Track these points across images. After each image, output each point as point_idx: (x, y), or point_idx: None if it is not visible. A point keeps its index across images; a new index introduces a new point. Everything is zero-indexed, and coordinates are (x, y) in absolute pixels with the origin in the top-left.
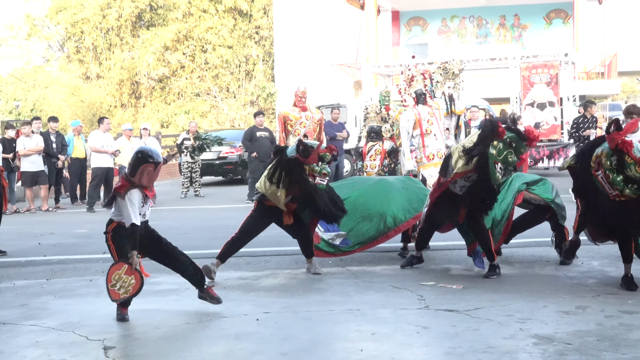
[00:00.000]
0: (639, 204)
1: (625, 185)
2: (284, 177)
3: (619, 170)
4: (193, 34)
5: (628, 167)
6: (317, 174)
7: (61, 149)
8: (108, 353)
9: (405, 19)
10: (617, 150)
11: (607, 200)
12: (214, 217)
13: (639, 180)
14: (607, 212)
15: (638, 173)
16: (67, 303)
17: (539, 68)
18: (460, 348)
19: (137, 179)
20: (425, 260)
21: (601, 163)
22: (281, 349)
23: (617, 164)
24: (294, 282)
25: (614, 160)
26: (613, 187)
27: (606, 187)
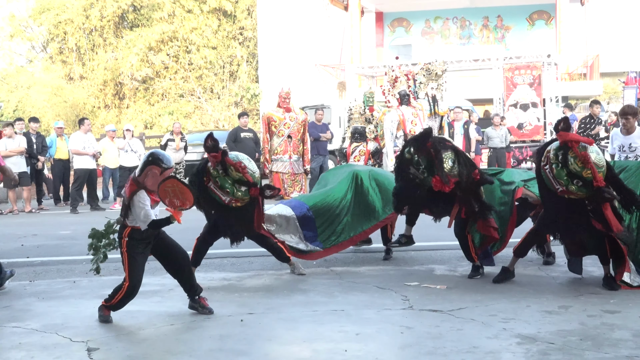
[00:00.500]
0: (584, 204)
1: (569, 181)
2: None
3: (563, 164)
4: (177, 34)
5: (570, 160)
6: (218, 188)
7: (41, 149)
8: (92, 355)
9: (388, 20)
10: (565, 146)
11: (556, 198)
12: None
13: (581, 176)
14: (558, 211)
15: (578, 167)
16: (50, 305)
17: (522, 69)
18: (444, 348)
19: (142, 179)
20: (409, 261)
21: (549, 157)
22: (265, 349)
23: (562, 158)
24: (278, 283)
25: (560, 155)
26: (558, 181)
27: (553, 183)
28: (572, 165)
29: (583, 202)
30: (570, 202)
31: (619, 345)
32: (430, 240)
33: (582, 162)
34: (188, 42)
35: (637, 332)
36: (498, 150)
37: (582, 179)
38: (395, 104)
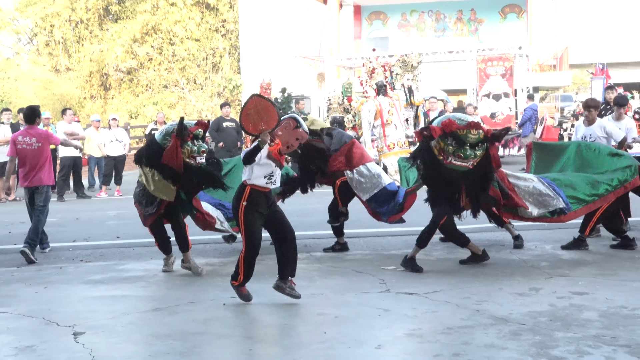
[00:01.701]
0: (484, 168)
1: (474, 152)
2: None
3: (460, 144)
4: (161, 26)
5: (464, 137)
6: (196, 153)
7: None
8: (78, 339)
9: (366, 13)
10: (448, 133)
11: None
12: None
13: (477, 141)
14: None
15: (473, 135)
16: (37, 290)
17: (495, 61)
18: (420, 329)
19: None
20: (386, 246)
21: (445, 150)
22: (247, 332)
23: (456, 142)
24: (259, 268)
25: (452, 141)
26: (468, 160)
27: (465, 165)
28: (469, 138)
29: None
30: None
31: (587, 326)
32: (406, 225)
33: (468, 127)
34: (172, 35)
35: (604, 313)
36: None
37: (475, 145)
38: (373, 95)
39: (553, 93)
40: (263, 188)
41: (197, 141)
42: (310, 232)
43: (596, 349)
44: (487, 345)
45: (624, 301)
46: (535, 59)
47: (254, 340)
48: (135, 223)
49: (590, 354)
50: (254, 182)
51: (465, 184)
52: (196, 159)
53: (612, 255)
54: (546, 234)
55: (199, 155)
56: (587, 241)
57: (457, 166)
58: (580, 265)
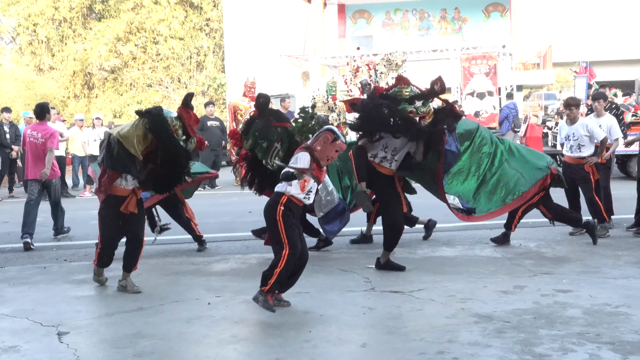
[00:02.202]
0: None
1: (414, 107)
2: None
3: (397, 103)
4: (145, 25)
5: (397, 94)
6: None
7: (15, 139)
8: (62, 338)
9: (350, 11)
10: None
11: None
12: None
13: (412, 94)
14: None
15: (404, 89)
16: (20, 290)
17: (479, 59)
18: (404, 328)
19: (311, 144)
20: (371, 244)
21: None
22: (231, 331)
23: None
24: (244, 267)
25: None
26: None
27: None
28: (399, 93)
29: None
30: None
31: (571, 323)
32: None
33: (396, 84)
34: (156, 33)
35: (588, 310)
36: None
37: (412, 99)
38: (357, 93)
39: (537, 91)
40: (298, 201)
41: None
42: None
43: (580, 346)
44: (472, 343)
45: (607, 298)
46: (519, 57)
47: (239, 339)
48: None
49: (574, 352)
50: (292, 193)
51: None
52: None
53: (595, 252)
54: (530, 232)
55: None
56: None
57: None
58: (564, 263)
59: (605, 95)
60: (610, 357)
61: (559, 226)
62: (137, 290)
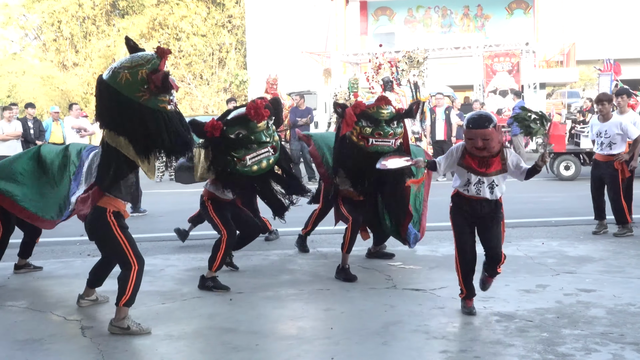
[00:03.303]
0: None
1: (391, 128)
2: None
3: (376, 123)
4: (167, 22)
5: (377, 115)
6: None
7: (38, 134)
8: (85, 332)
9: (372, 8)
10: (359, 114)
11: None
12: (188, 200)
13: (391, 116)
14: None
15: (385, 110)
16: (44, 284)
17: (501, 57)
18: (426, 326)
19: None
20: (393, 242)
21: (364, 134)
22: (253, 327)
23: (370, 122)
24: (265, 263)
25: (367, 122)
26: (388, 138)
27: (388, 143)
28: (379, 112)
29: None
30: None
31: (594, 323)
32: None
33: (377, 103)
34: (178, 30)
35: (611, 310)
36: None
37: (391, 121)
38: (379, 90)
39: (560, 89)
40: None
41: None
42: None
43: (604, 346)
44: (494, 342)
45: (631, 298)
46: (542, 55)
47: (260, 335)
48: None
49: (597, 352)
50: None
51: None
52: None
53: (619, 252)
54: (552, 230)
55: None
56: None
57: (379, 147)
58: (587, 262)
59: (630, 91)
60: (634, 357)
61: (581, 224)
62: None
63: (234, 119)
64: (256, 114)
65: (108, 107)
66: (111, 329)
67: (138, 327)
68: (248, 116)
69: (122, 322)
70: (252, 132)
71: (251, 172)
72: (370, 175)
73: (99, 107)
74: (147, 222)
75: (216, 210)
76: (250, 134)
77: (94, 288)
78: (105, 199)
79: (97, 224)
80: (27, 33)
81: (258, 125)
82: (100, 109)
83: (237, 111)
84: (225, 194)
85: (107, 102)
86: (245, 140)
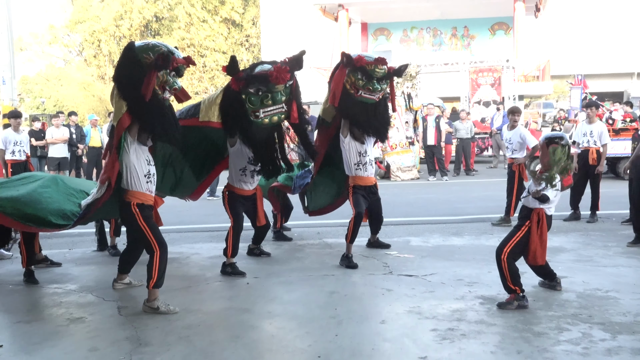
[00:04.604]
0: (385, 101)
1: (380, 85)
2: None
3: (369, 79)
4: (193, 41)
5: (372, 72)
6: (169, 86)
7: (80, 139)
8: (121, 311)
9: (372, 29)
10: (358, 67)
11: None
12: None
13: (383, 75)
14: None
15: (380, 69)
16: (85, 269)
17: (485, 72)
18: (419, 307)
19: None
20: (389, 233)
21: (356, 85)
22: (267, 308)
23: (365, 76)
24: (278, 252)
25: (362, 76)
26: (375, 93)
27: (373, 97)
28: (375, 71)
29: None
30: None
31: (566, 306)
32: (406, 215)
33: (375, 63)
34: (202, 48)
35: (581, 294)
36: (464, 140)
37: (382, 79)
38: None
39: (536, 100)
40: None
41: (176, 74)
42: (322, 220)
43: (574, 326)
44: (478, 322)
45: (598, 284)
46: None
47: (273, 314)
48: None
49: (569, 330)
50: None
51: (369, 115)
52: (165, 91)
53: (588, 244)
54: None
55: (169, 90)
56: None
57: (366, 99)
58: (560, 253)
59: (598, 103)
60: (601, 336)
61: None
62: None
63: (257, 76)
64: (277, 77)
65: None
66: (144, 309)
67: (166, 308)
68: (270, 78)
69: (153, 303)
70: (270, 91)
71: (262, 123)
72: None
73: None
74: (175, 215)
75: (230, 201)
76: (269, 91)
77: (124, 273)
78: (129, 193)
79: (125, 215)
80: (70, 50)
81: (277, 86)
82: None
83: (262, 67)
84: (242, 186)
85: (122, 59)
86: (263, 96)
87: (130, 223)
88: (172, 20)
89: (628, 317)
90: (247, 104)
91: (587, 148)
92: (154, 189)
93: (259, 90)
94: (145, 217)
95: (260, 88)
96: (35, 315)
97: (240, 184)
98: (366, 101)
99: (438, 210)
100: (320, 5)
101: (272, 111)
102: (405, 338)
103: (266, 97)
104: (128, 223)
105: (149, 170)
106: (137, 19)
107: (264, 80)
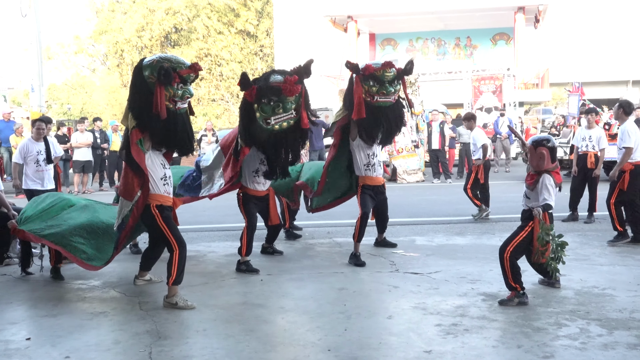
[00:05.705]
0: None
1: (393, 87)
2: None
3: (381, 83)
4: (210, 51)
5: (382, 77)
6: (178, 98)
7: (104, 143)
8: (142, 306)
9: (379, 40)
10: (368, 76)
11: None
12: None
13: (393, 77)
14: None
15: (389, 73)
16: (108, 267)
17: (487, 79)
18: (424, 303)
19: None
20: (395, 233)
21: (370, 92)
22: (280, 303)
23: (376, 82)
24: (290, 251)
25: (374, 82)
26: (390, 95)
27: (389, 100)
28: (384, 75)
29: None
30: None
31: (564, 302)
32: (411, 215)
33: (383, 67)
34: (219, 58)
35: (579, 292)
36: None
37: (393, 81)
38: None
39: (535, 107)
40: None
41: (184, 85)
42: (332, 220)
43: (572, 321)
44: (480, 317)
45: (595, 282)
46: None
47: (286, 310)
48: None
49: (567, 326)
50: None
51: (389, 116)
52: (176, 103)
53: (585, 243)
54: None
55: (181, 101)
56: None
57: (382, 102)
58: None
59: (596, 109)
60: (598, 331)
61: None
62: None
63: (270, 88)
64: (289, 90)
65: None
66: (164, 304)
67: (184, 303)
68: (283, 91)
69: (172, 299)
70: (281, 101)
71: (272, 129)
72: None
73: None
74: (193, 215)
75: (244, 202)
76: (280, 102)
77: (145, 270)
78: (149, 196)
79: (146, 215)
80: (94, 60)
81: (287, 98)
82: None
83: (274, 78)
84: (256, 187)
85: (133, 78)
86: (275, 106)
87: (150, 224)
88: (191, 32)
89: (624, 313)
90: (260, 113)
91: (586, 152)
92: (171, 190)
93: (271, 101)
94: (165, 217)
95: (272, 99)
96: (60, 309)
97: (254, 185)
98: (383, 105)
99: (442, 211)
100: (331, 17)
101: (281, 118)
102: (411, 332)
103: (277, 106)
104: (149, 224)
105: (165, 174)
106: (158, 30)
107: (276, 92)
